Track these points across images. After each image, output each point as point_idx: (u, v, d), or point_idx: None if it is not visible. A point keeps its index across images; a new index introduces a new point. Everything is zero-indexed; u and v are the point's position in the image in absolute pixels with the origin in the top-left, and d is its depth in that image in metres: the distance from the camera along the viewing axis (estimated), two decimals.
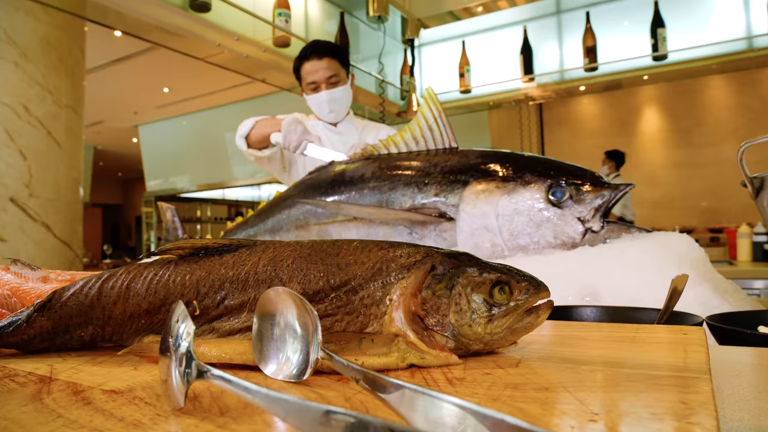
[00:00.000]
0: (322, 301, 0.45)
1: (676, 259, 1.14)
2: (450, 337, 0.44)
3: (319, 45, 2.29)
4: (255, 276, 0.47)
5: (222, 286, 0.47)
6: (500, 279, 0.45)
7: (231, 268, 0.48)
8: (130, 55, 6.13)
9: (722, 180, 6.54)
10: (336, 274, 0.45)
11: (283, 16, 3.17)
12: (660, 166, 7.09)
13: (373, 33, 4.27)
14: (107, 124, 9.17)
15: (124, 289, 0.49)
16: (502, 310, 0.44)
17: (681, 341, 0.47)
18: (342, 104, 2.38)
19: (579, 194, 1.31)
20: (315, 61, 2.26)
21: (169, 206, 2.19)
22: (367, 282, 0.45)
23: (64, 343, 0.51)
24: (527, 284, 0.45)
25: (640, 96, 7.15)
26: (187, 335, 0.33)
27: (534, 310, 0.45)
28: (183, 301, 0.44)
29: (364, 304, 0.44)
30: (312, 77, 2.28)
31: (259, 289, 0.46)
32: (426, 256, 0.46)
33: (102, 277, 0.50)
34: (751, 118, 6.41)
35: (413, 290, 0.44)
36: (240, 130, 2.27)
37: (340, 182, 1.65)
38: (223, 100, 7.63)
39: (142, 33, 2.95)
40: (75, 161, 4.16)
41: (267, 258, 0.48)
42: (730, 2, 3.74)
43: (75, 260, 4.11)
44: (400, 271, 0.45)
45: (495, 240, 1.32)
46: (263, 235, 1.84)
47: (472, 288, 0.44)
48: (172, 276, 0.48)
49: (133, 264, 0.50)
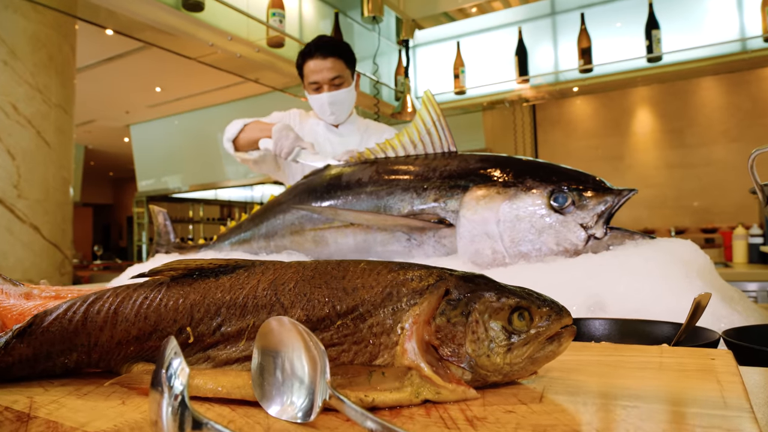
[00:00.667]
0: (328, 329, 0.41)
1: (681, 267, 1.12)
2: (467, 369, 0.40)
3: (323, 42, 2.19)
4: (254, 301, 0.43)
5: (218, 312, 0.44)
6: (520, 304, 0.42)
7: (228, 291, 0.44)
8: (122, 53, 6.06)
9: (714, 180, 6.56)
10: (342, 299, 0.42)
11: (277, 16, 3.12)
12: (653, 166, 7.11)
13: (367, 34, 4.24)
14: (98, 123, 9.07)
15: (112, 313, 0.45)
16: (522, 339, 0.41)
17: (711, 369, 0.44)
18: (344, 106, 2.29)
19: (581, 200, 1.28)
20: (319, 60, 2.16)
21: (160, 210, 2.14)
22: (377, 308, 0.41)
23: (46, 371, 0.47)
24: (548, 309, 0.42)
25: (633, 97, 7.16)
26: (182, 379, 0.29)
27: (556, 338, 0.42)
28: (176, 327, 0.40)
29: (374, 333, 0.41)
30: (315, 77, 2.19)
31: (259, 315, 0.43)
32: (439, 280, 0.43)
33: (87, 301, 0.46)
34: (742, 118, 6.42)
35: (426, 317, 0.41)
36: (227, 132, 2.21)
37: (336, 187, 1.61)
38: (216, 99, 7.57)
39: (134, 32, 2.90)
40: (65, 161, 4.09)
41: (267, 281, 0.44)
42: (723, 4, 3.74)
43: (64, 262, 4.05)
44: (411, 297, 0.41)
45: (496, 247, 1.29)
46: (257, 240, 1.80)
47: (489, 314, 0.41)
48: (164, 300, 0.45)
49: (121, 286, 0.47)
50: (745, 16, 3.67)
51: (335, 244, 1.58)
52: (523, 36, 4.28)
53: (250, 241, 1.83)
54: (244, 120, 2.21)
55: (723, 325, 0.97)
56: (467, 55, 4.50)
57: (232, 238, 1.90)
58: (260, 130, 2.11)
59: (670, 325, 0.80)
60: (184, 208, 10.48)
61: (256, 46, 3.11)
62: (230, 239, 1.91)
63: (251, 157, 2.23)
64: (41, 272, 3.86)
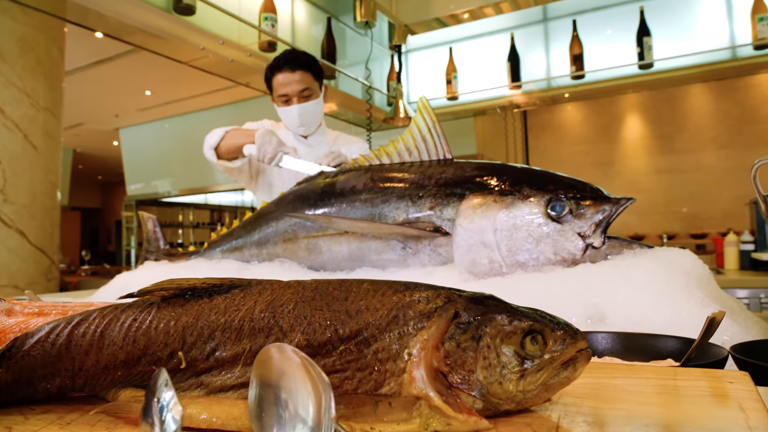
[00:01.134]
0: (330, 354, 0.39)
1: (681, 277, 1.10)
2: (478, 397, 0.38)
3: (292, 56, 2.23)
4: (251, 324, 0.41)
5: (212, 335, 0.41)
6: (533, 327, 0.39)
7: (222, 313, 0.42)
8: (112, 57, 6.01)
9: (703, 186, 6.61)
10: (345, 322, 0.40)
11: (270, 20, 3.10)
12: (642, 172, 7.15)
13: (359, 39, 4.22)
14: (87, 127, 8.99)
15: (98, 336, 0.42)
16: (535, 364, 0.39)
17: (731, 394, 0.42)
18: (314, 118, 2.33)
19: (579, 208, 1.27)
20: (287, 73, 2.20)
21: (150, 216, 2.10)
22: (382, 332, 0.39)
23: (28, 396, 0.44)
24: (562, 333, 0.40)
25: (623, 103, 7.21)
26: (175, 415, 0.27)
27: (571, 363, 0.40)
28: (167, 351, 0.37)
29: (379, 359, 0.38)
30: (284, 90, 2.23)
31: (256, 339, 0.40)
32: (448, 302, 0.40)
33: (72, 322, 0.43)
34: (730, 125, 6.48)
35: (435, 342, 0.39)
36: (208, 140, 2.19)
37: (330, 194, 1.59)
38: (207, 103, 7.53)
39: (124, 35, 2.86)
40: (52, 165, 4.04)
41: (264, 302, 0.42)
42: (713, 12, 3.77)
43: (51, 267, 3.99)
44: (419, 320, 0.39)
45: (493, 256, 1.27)
46: (249, 247, 1.77)
47: (501, 339, 0.39)
48: (154, 322, 0.42)
49: (108, 306, 0.44)
50: (735, 23, 3.69)
51: (329, 252, 1.55)
52: (515, 42, 4.29)
53: (242, 249, 1.79)
54: (224, 128, 2.21)
55: (726, 338, 0.96)
56: (460, 61, 4.50)
57: (224, 246, 1.87)
58: (243, 136, 2.12)
59: (675, 339, 0.78)
60: (174, 213, 10.39)
61: (247, 50, 3.08)
62: (221, 246, 1.87)
63: (234, 165, 2.23)
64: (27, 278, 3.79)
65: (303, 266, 1.60)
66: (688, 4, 3.84)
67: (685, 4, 3.85)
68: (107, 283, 1.89)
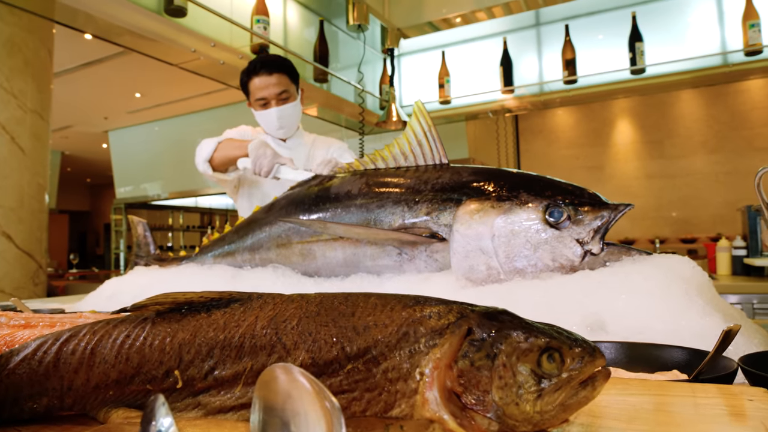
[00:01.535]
0: (336, 373, 0.37)
1: (681, 284, 1.09)
2: (493, 419, 0.36)
3: (268, 60, 2.23)
4: (252, 341, 0.38)
5: (210, 353, 0.39)
6: (550, 345, 0.37)
7: (222, 329, 0.39)
8: (101, 58, 5.95)
9: (693, 191, 6.66)
10: (353, 339, 0.37)
11: (262, 22, 3.07)
12: (633, 177, 7.20)
13: (352, 42, 4.21)
14: (76, 129, 8.90)
15: (88, 354, 0.40)
16: (553, 383, 0.37)
17: (753, 414, 0.40)
18: (292, 120, 2.32)
19: (577, 214, 1.25)
20: (265, 76, 2.19)
21: (140, 220, 2.07)
22: (392, 350, 0.37)
23: (13, 416, 0.41)
24: (581, 350, 0.38)
25: (614, 108, 7.26)
26: None
27: (589, 381, 0.38)
28: (162, 370, 0.35)
29: (389, 379, 0.36)
30: (261, 93, 2.22)
31: (257, 357, 0.38)
32: (461, 317, 0.38)
33: (60, 338, 0.41)
34: (719, 130, 6.54)
35: (448, 361, 0.36)
36: (201, 153, 2.17)
37: (324, 198, 1.56)
38: (197, 106, 7.48)
39: (114, 37, 2.82)
40: (40, 168, 3.98)
41: (266, 317, 0.39)
42: (705, 18, 3.79)
43: (38, 272, 3.93)
44: (431, 337, 0.37)
45: (491, 263, 1.26)
46: (242, 253, 1.74)
47: (517, 357, 0.37)
48: (149, 338, 0.39)
49: (99, 322, 0.41)
50: (726, 29, 3.72)
51: (323, 257, 1.53)
52: (508, 46, 4.29)
53: (234, 254, 1.77)
54: (214, 139, 2.19)
55: (729, 348, 0.94)
56: (452, 65, 4.49)
57: (216, 251, 1.84)
58: (236, 148, 2.09)
59: (681, 350, 0.76)
60: (164, 216, 10.31)
61: (239, 52, 3.06)
62: (213, 251, 1.84)
63: (229, 178, 2.22)
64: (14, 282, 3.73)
65: (297, 272, 1.57)
66: (680, 10, 3.86)
67: (676, 10, 3.87)
68: (95, 287, 1.85)
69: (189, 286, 1.62)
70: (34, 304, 2.08)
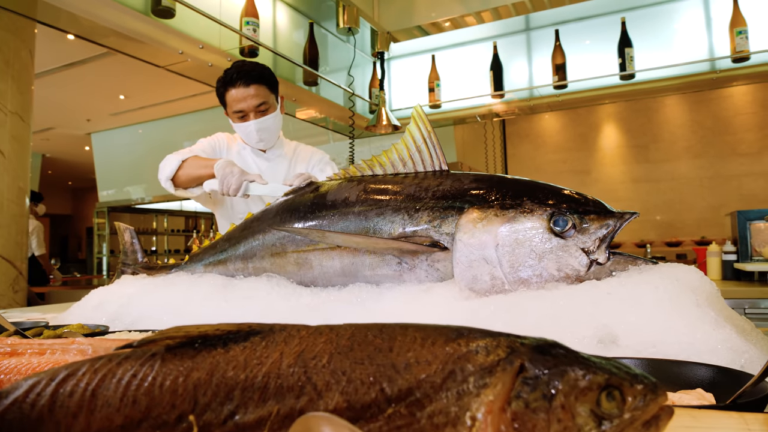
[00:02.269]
0: (375, 418, 0.32)
1: (691, 295, 1.06)
2: None
3: (245, 70, 2.11)
4: (277, 381, 0.34)
5: (230, 395, 0.34)
6: (610, 382, 0.34)
7: (242, 368, 0.35)
8: (84, 59, 5.83)
9: (677, 195, 6.73)
10: (393, 379, 0.33)
11: (251, 24, 3.02)
12: (619, 181, 7.26)
13: (342, 45, 4.17)
14: (58, 131, 8.74)
15: (89, 396, 0.35)
16: (614, 425, 0.33)
17: None
18: (272, 132, 2.25)
19: (582, 223, 1.23)
20: (242, 88, 2.09)
21: (127, 227, 2.00)
22: (437, 391, 0.33)
23: None
24: (643, 387, 0.34)
25: (600, 113, 7.31)
26: None
27: (652, 422, 0.34)
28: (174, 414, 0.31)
29: (435, 425, 0.32)
30: (239, 105, 2.12)
31: (284, 400, 0.33)
32: (511, 352, 0.34)
33: (56, 378, 0.36)
34: (703, 135, 6.61)
35: (501, 403, 0.33)
36: (164, 170, 2.08)
37: (321, 206, 1.52)
38: (183, 108, 7.38)
39: (99, 38, 2.74)
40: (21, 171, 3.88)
41: (292, 354, 0.35)
42: (693, 24, 3.81)
43: (18, 278, 3.82)
44: (480, 376, 0.33)
45: (495, 273, 1.22)
46: (234, 261, 1.69)
47: (576, 396, 0.33)
48: (159, 378, 0.35)
49: (101, 359, 0.37)
50: (714, 36, 3.74)
51: (320, 267, 1.48)
52: (498, 51, 4.28)
53: (226, 263, 1.71)
54: (178, 156, 2.10)
55: (743, 361, 0.92)
56: (443, 69, 4.47)
57: (206, 259, 1.78)
58: (201, 167, 2.01)
59: (705, 367, 0.73)
60: (148, 219, 10.16)
61: (228, 54, 3.00)
62: (204, 260, 1.79)
63: (193, 195, 2.14)
64: None
65: (292, 281, 1.52)
66: (669, 16, 3.88)
67: (665, 16, 3.89)
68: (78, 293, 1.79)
69: (179, 296, 1.56)
70: (15, 315, 2.00)
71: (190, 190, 2.10)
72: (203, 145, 2.28)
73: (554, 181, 1.38)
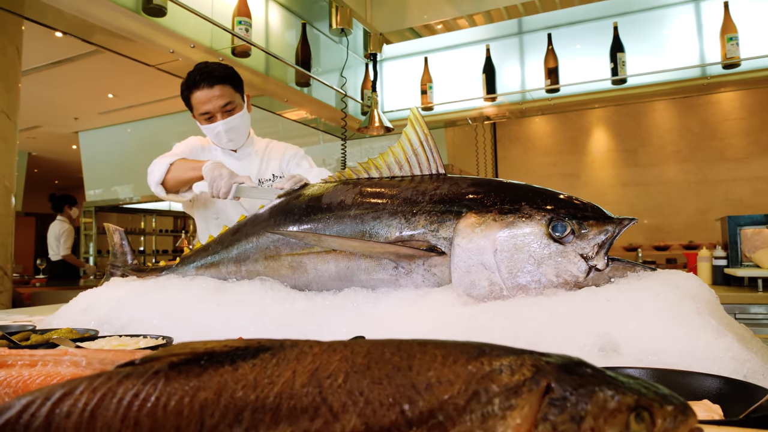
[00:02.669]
0: None
1: (691, 303, 1.06)
2: None
3: (208, 71, 2.09)
4: (290, 402, 0.32)
5: (239, 417, 0.32)
6: (639, 403, 0.32)
7: (252, 387, 0.33)
8: (73, 57, 5.75)
9: (665, 199, 6.78)
10: (413, 400, 0.31)
11: (243, 24, 2.99)
12: (608, 184, 7.30)
13: (334, 46, 4.14)
14: (44, 130, 8.62)
15: (87, 417, 0.33)
16: None
17: None
18: (241, 131, 2.22)
19: (581, 229, 1.22)
20: (206, 89, 2.07)
21: (117, 228, 1.97)
22: (461, 413, 0.31)
23: None
24: (672, 409, 0.33)
25: (590, 117, 7.35)
26: None
27: None
28: None
29: None
30: (205, 107, 2.10)
31: (298, 422, 0.31)
32: (537, 372, 0.32)
33: (51, 397, 0.34)
34: (691, 140, 6.67)
35: (528, 426, 0.31)
36: (153, 175, 2.05)
37: (317, 208, 1.49)
38: (172, 108, 7.30)
39: (88, 35, 2.70)
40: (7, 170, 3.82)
41: (305, 372, 0.33)
42: (684, 30, 3.84)
43: (3, 279, 3.75)
44: (505, 397, 0.31)
45: (493, 278, 1.21)
46: (226, 264, 1.66)
47: (605, 418, 0.31)
48: (162, 398, 0.33)
49: (100, 377, 0.34)
50: (705, 42, 3.77)
51: (314, 270, 1.46)
52: (491, 54, 4.28)
53: (218, 266, 1.68)
54: (165, 159, 2.07)
55: (746, 371, 0.91)
56: (435, 72, 4.46)
57: (198, 262, 1.75)
58: (190, 170, 1.98)
59: (712, 378, 0.72)
60: (136, 219, 10.06)
61: (219, 54, 2.97)
62: (196, 262, 1.76)
63: (185, 198, 2.12)
64: None
65: (286, 285, 1.50)
66: (660, 22, 3.91)
67: (657, 21, 3.91)
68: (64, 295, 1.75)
69: (170, 299, 1.53)
70: (0, 317, 1.95)
71: (181, 194, 2.07)
72: (181, 149, 2.25)
73: (544, 185, 1.37)
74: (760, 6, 3.63)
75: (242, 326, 1.31)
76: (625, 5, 3.94)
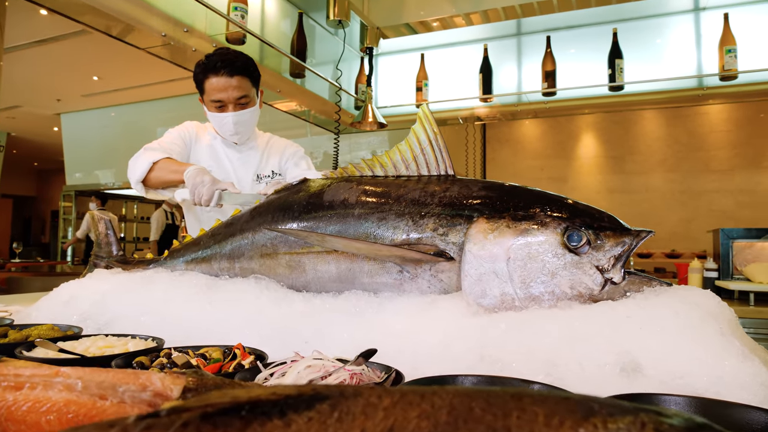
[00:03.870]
0: None
1: (714, 323, 1.01)
2: None
3: (229, 59, 2.00)
4: None
5: None
6: None
7: None
8: (58, 36, 5.57)
9: (651, 206, 6.82)
10: None
11: (239, 10, 2.89)
12: (595, 190, 7.32)
13: (329, 38, 4.05)
14: (25, 110, 8.38)
15: None
16: None
17: None
18: (249, 126, 2.16)
19: (597, 239, 1.16)
20: (225, 77, 1.99)
21: (102, 216, 1.87)
22: None
23: None
24: None
25: (579, 122, 7.36)
26: None
27: None
28: None
29: None
30: (219, 95, 2.01)
31: None
32: None
33: None
34: (678, 150, 6.71)
35: None
36: (134, 172, 1.97)
37: (318, 206, 1.42)
38: (159, 93, 7.14)
39: (75, 14, 2.57)
40: None
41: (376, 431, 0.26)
42: (683, 41, 3.82)
43: None
44: None
45: (505, 288, 1.15)
46: (219, 260, 1.57)
47: None
48: None
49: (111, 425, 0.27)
50: (703, 53, 3.76)
51: (314, 271, 1.39)
52: (488, 54, 4.22)
53: (210, 261, 1.60)
54: (149, 157, 1.97)
55: None
56: (431, 69, 4.40)
57: (188, 256, 1.66)
58: (172, 172, 1.91)
59: (761, 412, 0.67)
60: (117, 205, 9.85)
61: (213, 40, 2.86)
62: (185, 256, 1.67)
63: (166, 197, 2.03)
64: None
65: (282, 285, 1.42)
66: (659, 30, 3.89)
67: (656, 29, 3.89)
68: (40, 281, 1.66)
69: (158, 295, 1.44)
70: None
71: (160, 192, 1.98)
72: (173, 137, 2.15)
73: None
74: (759, 19, 3.62)
75: (236, 327, 1.23)
76: (624, 12, 3.92)
